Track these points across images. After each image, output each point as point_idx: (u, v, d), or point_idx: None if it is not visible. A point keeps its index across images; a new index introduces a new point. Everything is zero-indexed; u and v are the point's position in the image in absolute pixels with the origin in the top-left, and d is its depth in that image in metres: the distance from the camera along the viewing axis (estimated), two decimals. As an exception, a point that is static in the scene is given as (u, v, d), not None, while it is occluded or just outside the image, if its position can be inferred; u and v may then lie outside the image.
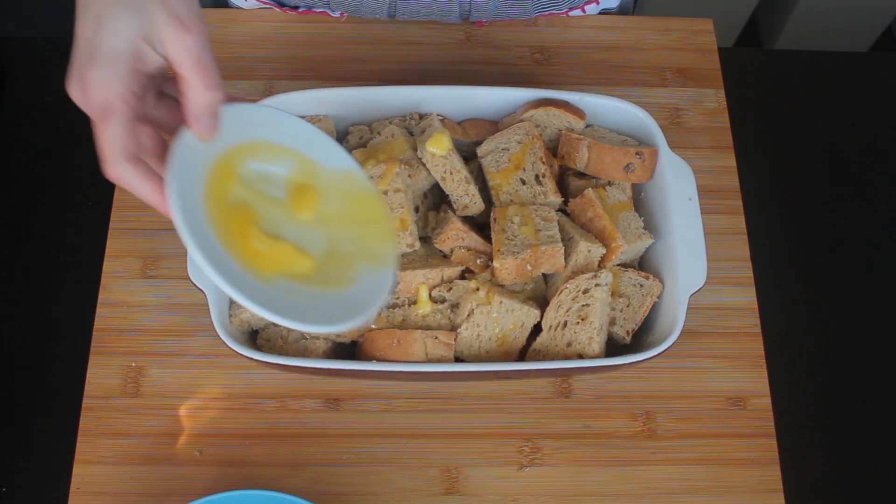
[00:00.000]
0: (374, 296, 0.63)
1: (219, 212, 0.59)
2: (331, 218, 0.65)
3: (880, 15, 1.88)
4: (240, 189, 0.62)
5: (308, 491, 0.76)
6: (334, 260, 0.64)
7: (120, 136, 0.54)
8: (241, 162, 0.62)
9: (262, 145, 0.64)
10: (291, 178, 0.65)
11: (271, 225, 0.63)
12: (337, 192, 0.66)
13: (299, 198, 0.65)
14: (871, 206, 0.97)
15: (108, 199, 0.87)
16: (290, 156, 0.65)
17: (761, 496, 0.78)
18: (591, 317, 0.73)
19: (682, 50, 0.97)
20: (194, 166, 0.58)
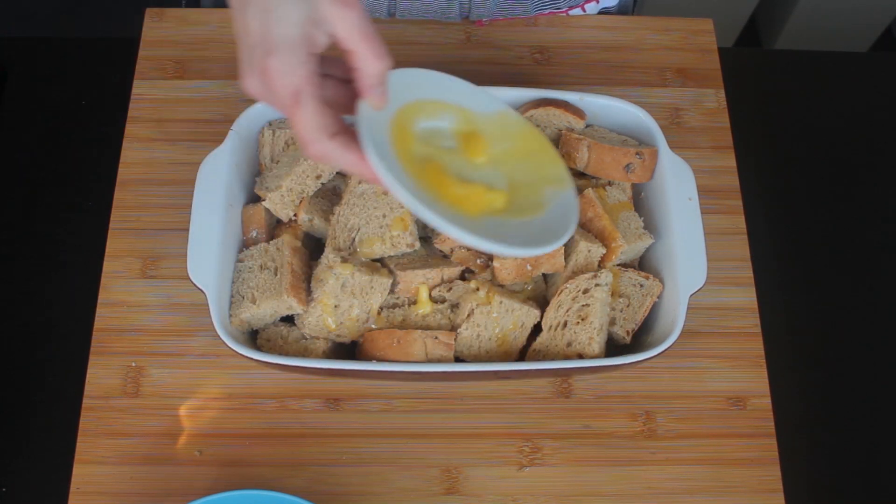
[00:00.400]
0: (568, 214, 0.68)
1: (413, 168, 0.63)
2: (502, 156, 0.69)
3: (880, 15, 1.88)
4: (420, 146, 0.66)
5: (308, 491, 0.76)
6: (520, 191, 0.68)
7: (316, 115, 0.57)
8: (411, 122, 0.67)
9: (423, 104, 0.68)
10: (457, 129, 0.69)
11: (457, 172, 0.66)
12: (498, 133, 0.70)
13: (470, 144, 0.69)
14: (872, 205, 0.97)
15: (108, 199, 0.87)
16: (450, 109, 0.69)
17: (761, 496, 0.78)
18: (591, 317, 0.73)
19: (682, 50, 0.97)
20: (379, 133, 0.62)
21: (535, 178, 0.70)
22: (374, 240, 0.73)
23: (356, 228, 0.74)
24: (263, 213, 0.78)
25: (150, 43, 0.95)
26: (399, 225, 0.73)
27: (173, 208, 0.86)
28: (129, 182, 0.88)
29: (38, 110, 0.97)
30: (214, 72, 0.93)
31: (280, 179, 0.76)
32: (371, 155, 0.58)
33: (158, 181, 0.88)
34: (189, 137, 0.90)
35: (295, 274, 0.73)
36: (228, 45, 0.94)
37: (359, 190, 0.74)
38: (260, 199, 0.78)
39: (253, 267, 0.75)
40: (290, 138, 0.79)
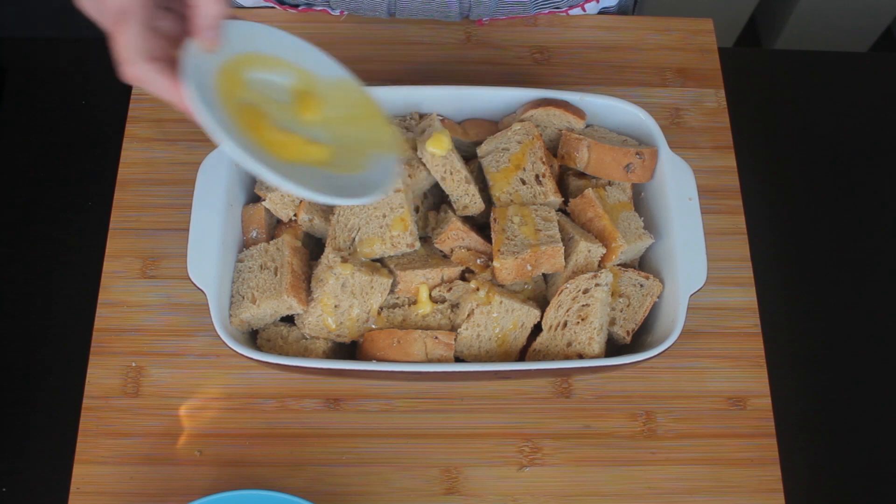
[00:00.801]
0: (385, 175, 0.67)
1: (232, 108, 0.63)
2: (334, 119, 0.69)
3: (880, 15, 1.88)
4: (248, 93, 0.66)
5: (308, 491, 0.76)
6: (345, 149, 0.68)
7: (138, 37, 0.58)
8: (245, 71, 0.66)
9: (262, 58, 0.68)
10: (293, 87, 0.69)
11: (281, 123, 0.66)
12: (335, 97, 0.70)
13: (303, 102, 0.68)
14: (872, 205, 0.97)
15: (109, 199, 0.87)
16: (289, 67, 0.69)
17: (761, 496, 0.78)
18: (592, 317, 0.73)
19: (682, 50, 0.97)
20: (204, 70, 0.62)
21: (362, 141, 0.70)
22: (374, 240, 0.73)
23: (356, 228, 0.74)
24: (263, 213, 0.78)
25: (150, 43, 0.94)
26: (399, 225, 0.73)
27: (173, 208, 0.86)
28: (129, 182, 0.88)
29: (38, 110, 0.97)
30: (214, 72, 0.93)
31: None
32: (187, 83, 0.58)
33: (158, 181, 0.88)
34: (189, 137, 0.90)
35: (295, 274, 0.73)
36: (228, 45, 0.94)
37: (359, 190, 0.74)
38: (260, 199, 0.78)
39: (253, 267, 0.75)
40: (290, 138, 0.79)
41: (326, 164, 0.66)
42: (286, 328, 0.75)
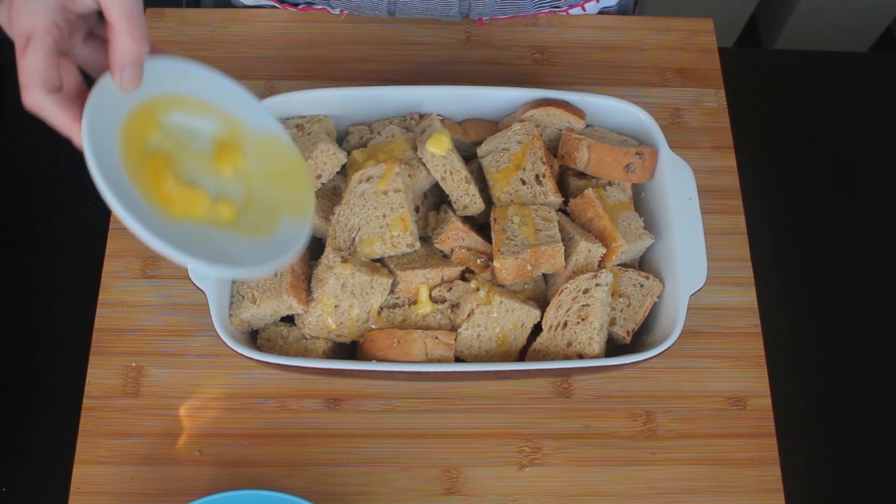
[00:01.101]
0: (290, 244, 0.64)
1: (134, 154, 0.60)
2: (252, 174, 0.66)
3: (880, 15, 1.88)
4: (160, 137, 0.63)
5: (308, 491, 0.76)
6: (255, 210, 0.65)
7: (40, 64, 0.55)
8: (164, 112, 0.63)
9: (188, 100, 0.64)
10: (216, 135, 0.66)
11: (189, 174, 0.63)
12: (259, 152, 0.67)
13: (221, 154, 0.65)
14: (872, 205, 0.97)
15: (108, 199, 0.87)
16: (217, 113, 0.66)
17: (761, 496, 0.78)
18: (592, 317, 0.73)
19: (682, 50, 0.97)
20: (114, 108, 0.59)
21: (276, 202, 0.66)
22: (374, 240, 0.73)
23: (356, 228, 0.74)
24: (263, 213, 0.77)
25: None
26: (399, 225, 0.73)
27: (173, 208, 0.86)
28: (129, 182, 0.88)
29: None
30: (214, 72, 0.93)
31: None
32: (84, 124, 0.56)
33: (158, 181, 0.87)
34: (189, 137, 0.89)
35: (295, 274, 0.73)
36: (229, 45, 0.95)
37: (359, 190, 0.74)
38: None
39: None
40: (290, 138, 0.79)
41: (230, 224, 0.63)
42: (286, 328, 0.75)
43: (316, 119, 0.80)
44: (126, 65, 0.57)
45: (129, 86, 0.58)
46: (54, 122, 0.57)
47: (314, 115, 0.80)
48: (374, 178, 0.74)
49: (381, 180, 0.74)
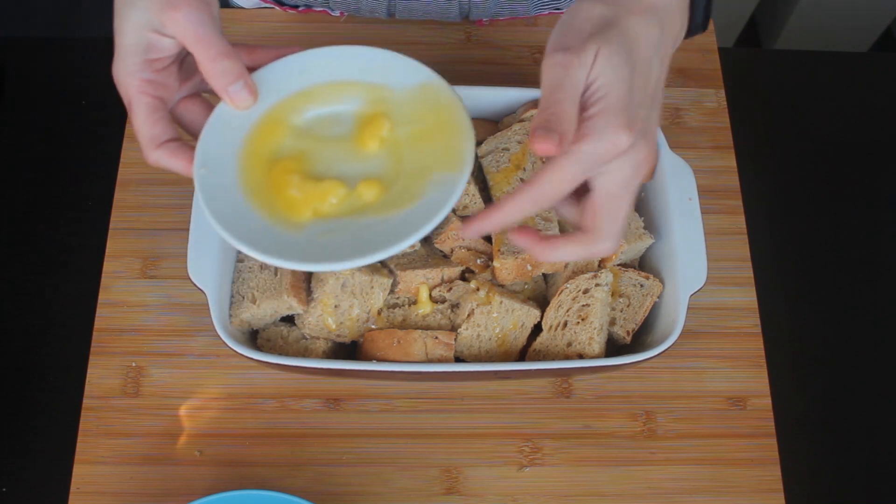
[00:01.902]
0: (441, 202, 0.57)
1: (257, 170, 0.60)
2: (402, 140, 0.62)
3: (880, 15, 1.88)
4: (291, 140, 0.62)
5: (308, 491, 0.76)
6: (406, 177, 0.60)
7: (143, 126, 0.57)
8: (295, 112, 0.62)
9: (320, 89, 0.63)
10: (361, 112, 0.63)
11: (325, 167, 0.61)
12: (410, 111, 0.62)
13: (364, 130, 0.62)
14: (872, 205, 0.97)
15: (109, 199, 0.87)
16: (358, 88, 0.63)
17: (761, 496, 0.78)
18: (592, 317, 0.73)
19: (682, 50, 0.96)
20: (232, 132, 0.60)
21: (428, 163, 0.60)
22: None
23: None
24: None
25: (150, 43, 0.94)
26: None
27: (173, 208, 0.86)
28: (129, 182, 0.88)
29: (38, 110, 0.97)
30: (214, 72, 0.93)
31: None
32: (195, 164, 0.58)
33: (158, 181, 0.88)
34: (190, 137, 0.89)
35: (295, 274, 0.73)
36: (228, 45, 0.94)
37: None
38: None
39: (253, 267, 0.75)
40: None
41: (373, 205, 0.59)
42: (286, 328, 0.75)
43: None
44: (225, 86, 0.57)
45: (240, 104, 0.59)
46: (174, 170, 0.59)
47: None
48: None
49: None
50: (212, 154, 0.59)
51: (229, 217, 0.57)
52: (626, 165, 0.53)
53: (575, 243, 0.56)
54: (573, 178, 0.53)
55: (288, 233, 0.58)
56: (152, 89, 0.57)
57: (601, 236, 0.55)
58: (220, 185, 0.58)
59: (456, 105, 0.61)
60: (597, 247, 0.56)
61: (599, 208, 0.55)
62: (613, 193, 0.54)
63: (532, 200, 0.54)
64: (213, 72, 0.57)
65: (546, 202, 0.54)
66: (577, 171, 0.53)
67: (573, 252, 0.56)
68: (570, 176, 0.53)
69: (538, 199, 0.54)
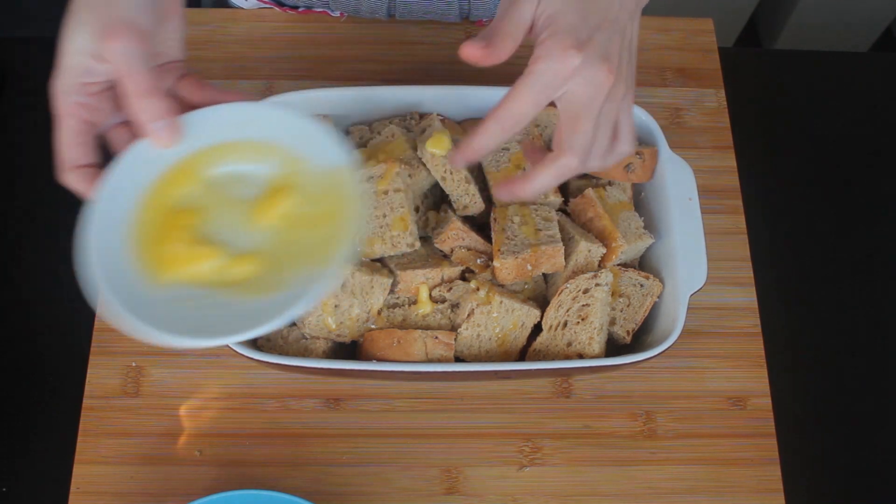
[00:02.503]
0: (299, 297, 0.56)
1: (154, 213, 0.60)
2: (295, 220, 0.61)
3: (880, 15, 1.89)
4: (199, 191, 0.61)
5: (308, 491, 0.76)
6: (281, 263, 0.60)
7: (62, 146, 0.58)
8: (212, 163, 0.62)
9: (245, 145, 0.62)
10: (273, 178, 0.62)
11: (218, 229, 0.61)
12: (314, 191, 0.61)
13: (266, 201, 0.62)
14: (872, 205, 0.97)
15: (108, 199, 0.87)
16: (279, 153, 0.62)
17: (761, 496, 0.78)
18: (592, 317, 0.73)
19: (682, 50, 0.97)
20: (146, 168, 0.60)
21: (305, 253, 0.60)
22: (375, 240, 0.73)
23: None
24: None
25: (150, 43, 0.94)
26: (399, 225, 0.73)
27: (173, 208, 0.86)
28: (129, 182, 0.88)
29: (38, 110, 0.97)
30: (214, 72, 0.93)
31: None
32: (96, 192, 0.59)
33: (158, 181, 0.88)
34: (189, 137, 0.89)
35: None
36: (228, 45, 0.95)
37: (359, 190, 0.74)
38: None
39: None
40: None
41: (241, 283, 0.59)
42: (286, 328, 0.75)
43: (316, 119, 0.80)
44: (146, 122, 0.57)
45: (159, 143, 0.59)
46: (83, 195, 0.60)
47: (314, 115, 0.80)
48: (374, 177, 0.74)
49: (381, 180, 0.74)
50: (114, 186, 0.59)
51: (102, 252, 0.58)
52: (583, 84, 0.56)
53: (544, 165, 0.60)
54: (533, 99, 0.57)
55: (148, 286, 0.58)
56: (83, 112, 0.57)
57: (563, 152, 0.58)
58: (108, 217, 0.59)
59: (356, 201, 0.60)
60: (561, 162, 0.59)
61: (561, 125, 0.58)
62: (573, 112, 0.57)
63: (499, 124, 0.58)
64: (137, 107, 0.57)
65: (512, 124, 0.58)
66: (536, 92, 0.56)
67: (546, 175, 0.60)
68: (530, 97, 0.57)
69: (504, 121, 0.58)
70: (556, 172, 0.59)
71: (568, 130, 0.58)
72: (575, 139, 0.58)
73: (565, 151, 0.58)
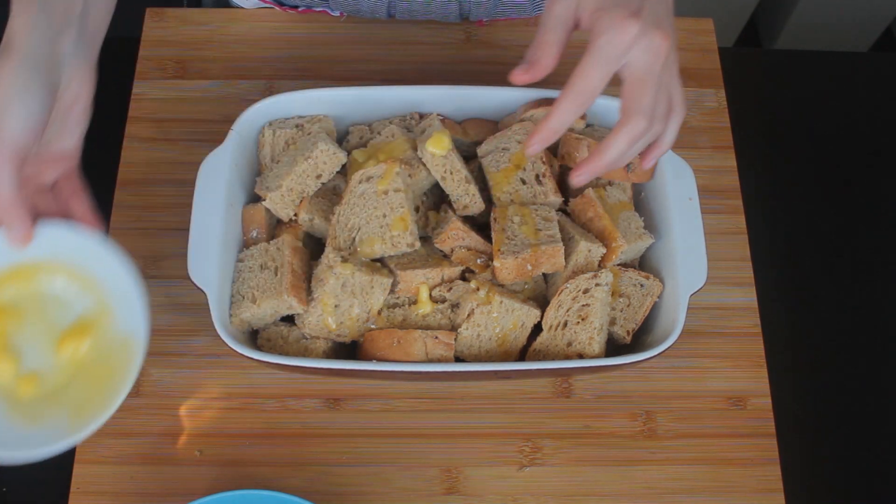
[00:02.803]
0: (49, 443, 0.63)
1: None
2: (82, 366, 0.68)
3: (880, 15, 1.89)
4: (23, 296, 0.67)
5: (308, 491, 0.76)
6: (52, 397, 0.66)
7: None
8: (49, 275, 0.68)
9: (80, 272, 0.68)
10: (84, 314, 0.68)
11: (27, 339, 0.67)
12: (105, 348, 0.68)
13: (71, 334, 0.68)
14: (872, 205, 0.97)
15: (109, 199, 0.87)
16: (98, 293, 0.68)
17: (761, 496, 0.78)
18: (592, 317, 0.73)
19: (682, 50, 0.96)
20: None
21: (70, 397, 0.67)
22: (375, 239, 0.73)
23: (356, 228, 0.74)
24: (264, 212, 0.77)
25: (150, 43, 0.95)
26: (399, 225, 0.73)
27: (173, 208, 0.86)
28: (129, 182, 0.88)
29: (39, 110, 0.97)
30: (215, 72, 0.93)
31: (280, 179, 0.76)
32: None
33: (158, 181, 0.88)
34: (189, 137, 0.90)
35: (295, 273, 0.73)
36: (229, 46, 0.95)
37: (359, 190, 0.74)
38: (260, 199, 0.78)
39: (253, 266, 0.75)
40: (290, 138, 0.79)
41: (19, 401, 0.65)
42: (286, 328, 0.75)
43: (316, 119, 0.80)
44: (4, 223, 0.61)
45: (13, 242, 0.63)
46: None
47: (314, 115, 0.80)
48: (374, 178, 0.74)
49: (381, 180, 0.74)
50: None
51: None
52: (644, 52, 0.60)
53: (615, 132, 0.62)
54: (600, 72, 0.60)
55: None
56: None
57: (631, 116, 0.61)
58: None
59: (133, 374, 0.66)
60: (631, 125, 0.62)
61: (626, 92, 0.62)
62: (637, 77, 0.61)
63: (573, 101, 0.62)
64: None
65: (584, 99, 0.61)
66: (601, 65, 0.60)
67: (619, 140, 0.62)
68: (597, 71, 0.60)
69: (577, 98, 0.61)
70: (627, 137, 0.62)
71: (634, 96, 0.61)
72: (642, 103, 0.61)
73: (634, 115, 0.61)
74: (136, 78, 0.92)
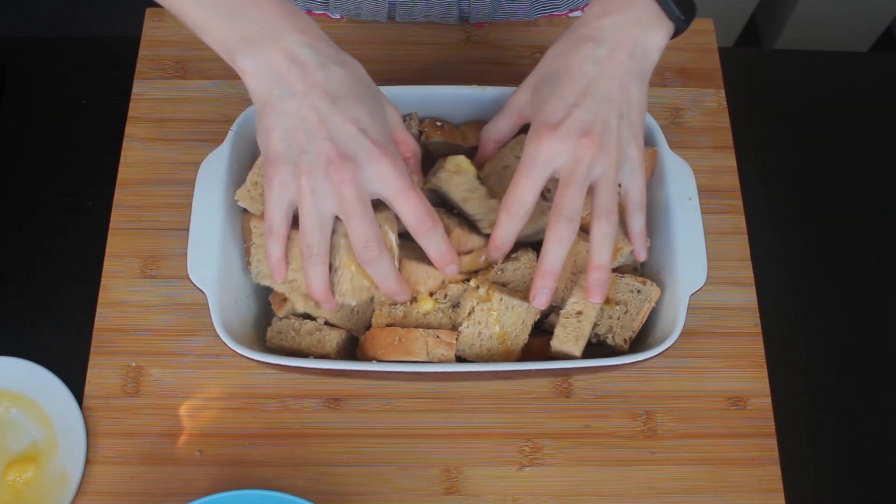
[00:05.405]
0: None
1: None
2: (20, 493, 0.75)
3: (880, 15, 1.89)
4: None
5: (308, 491, 0.76)
6: None
7: None
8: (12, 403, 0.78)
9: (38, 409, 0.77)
10: (33, 445, 0.77)
11: None
12: (42, 480, 0.75)
13: (16, 462, 0.76)
14: (872, 205, 0.97)
15: (109, 199, 0.87)
16: (50, 432, 0.76)
17: (761, 496, 0.78)
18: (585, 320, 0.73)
19: (682, 50, 0.97)
20: None
21: None
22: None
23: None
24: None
25: (150, 43, 0.95)
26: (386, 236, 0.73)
27: (173, 208, 0.86)
28: (129, 182, 0.88)
29: (38, 110, 0.97)
30: (214, 72, 0.93)
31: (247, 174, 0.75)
32: None
33: (158, 181, 0.88)
34: (189, 137, 0.90)
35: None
36: (228, 45, 0.94)
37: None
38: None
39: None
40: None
41: None
42: (298, 321, 0.75)
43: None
44: None
45: None
46: None
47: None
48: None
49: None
50: None
51: None
52: (565, 159, 0.64)
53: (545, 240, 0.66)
54: (530, 183, 0.65)
55: None
56: None
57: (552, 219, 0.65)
58: None
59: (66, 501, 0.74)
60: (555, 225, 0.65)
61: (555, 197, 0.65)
62: (561, 182, 0.65)
63: (509, 213, 0.66)
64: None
65: (518, 210, 0.66)
66: (530, 177, 0.65)
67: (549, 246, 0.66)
68: (527, 182, 0.65)
69: (512, 210, 0.66)
70: (554, 241, 0.66)
71: (556, 200, 0.65)
72: (561, 204, 0.64)
73: (553, 217, 0.65)
74: (135, 78, 0.93)
